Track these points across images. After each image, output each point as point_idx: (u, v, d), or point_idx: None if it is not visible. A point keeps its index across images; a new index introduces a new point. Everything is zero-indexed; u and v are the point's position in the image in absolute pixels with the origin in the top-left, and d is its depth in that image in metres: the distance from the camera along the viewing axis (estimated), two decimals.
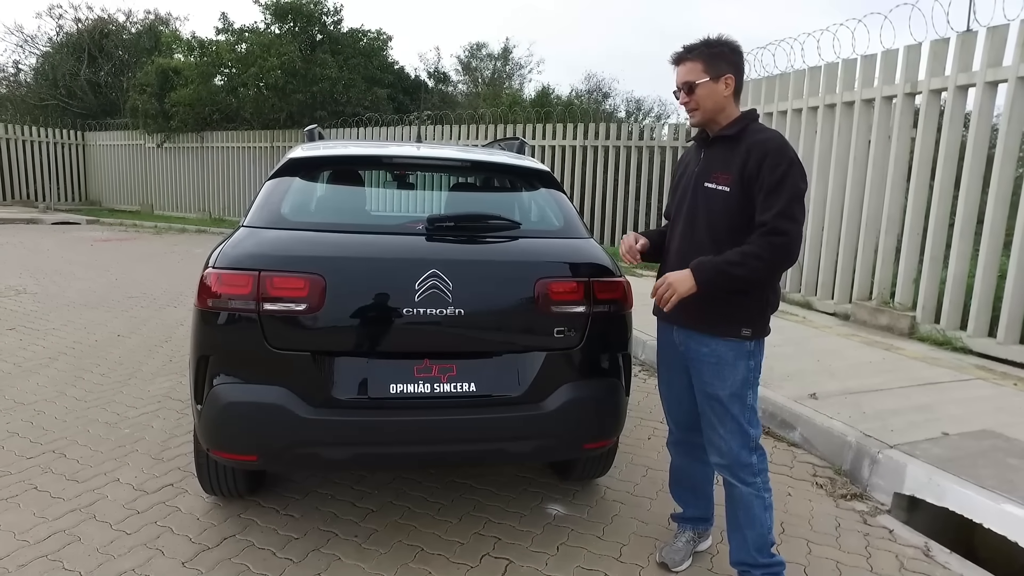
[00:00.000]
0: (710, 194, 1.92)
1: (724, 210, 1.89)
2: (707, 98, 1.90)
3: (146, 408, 3.45)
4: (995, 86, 4.72)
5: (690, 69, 1.90)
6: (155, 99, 14.34)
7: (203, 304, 1.99)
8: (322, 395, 1.96)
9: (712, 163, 1.94)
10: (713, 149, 1.96)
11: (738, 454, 1.97)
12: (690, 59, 1.90)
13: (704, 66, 1.89)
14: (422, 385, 2.00)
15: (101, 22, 18.73)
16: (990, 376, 4.11)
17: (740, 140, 1.89)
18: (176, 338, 4.89)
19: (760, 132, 1.89)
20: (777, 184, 1.80)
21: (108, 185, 16.86)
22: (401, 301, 1.97)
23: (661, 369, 2.21)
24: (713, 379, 1.95)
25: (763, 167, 1.81)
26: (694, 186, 1.97)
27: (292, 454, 1.99)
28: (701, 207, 1.94)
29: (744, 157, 1.85)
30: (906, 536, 2.51)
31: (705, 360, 1.97)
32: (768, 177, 1.81)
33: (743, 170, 1.84)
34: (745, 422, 1.96)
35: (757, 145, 1.84)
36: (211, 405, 1.96)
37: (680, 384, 2.13)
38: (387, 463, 2.21)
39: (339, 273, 1.96)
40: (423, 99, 17.05)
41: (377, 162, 2.59)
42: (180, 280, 7.37)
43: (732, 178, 1.87)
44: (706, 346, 1.96)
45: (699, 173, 1.97)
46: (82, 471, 2.72)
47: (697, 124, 1.99)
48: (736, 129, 1.91)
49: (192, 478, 2.65)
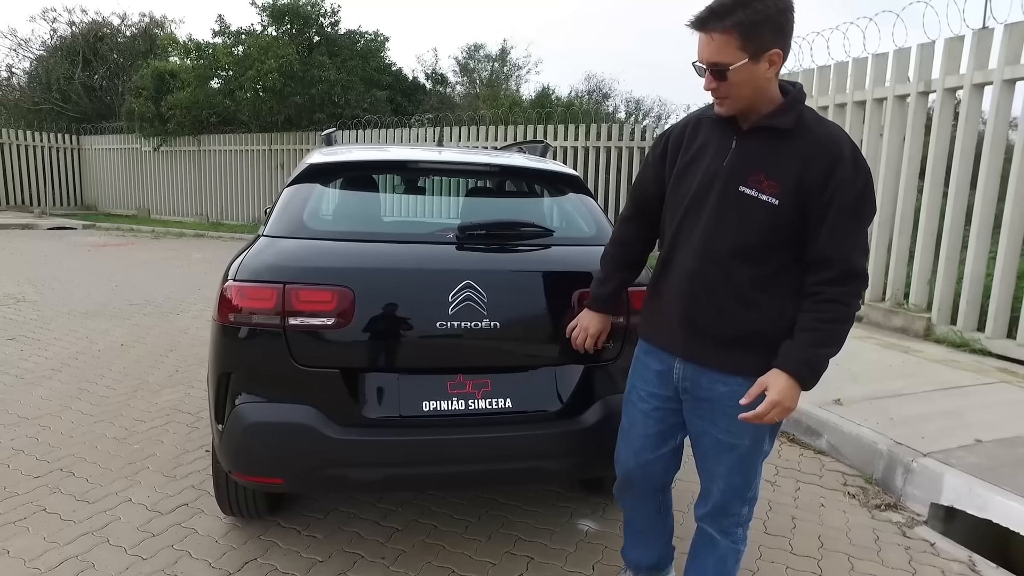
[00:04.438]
0: (747, 203, 1.45)
1: (767, 228, 1.44)
2: (744, 84, 1.39)
3: (155, 422, 3.35)
4: (1013, 84, 4.66)
5: (721, 45, 1.36)
6: (151, 102, 14.18)
7: (224, 318, 1.89)
8: (351, 414, 1.87)
9: (751, 160, 1.46)
10: (752, 141, 1.47)
11: (729, 505, 1.64)
12: (720, 29, 1.35)
13: (740, 40, 1.35)
14: (456, 402, 1.91)
15: (95, 25, 18.54)
16: (1013, 379, 4.05)
17: (794, 136, 1.43)
18: (181, 347, 4.78)
19: (821, 126, 1.45)
20: (856, 207, 1.40)
21: (104, 189, 16.69)
22: (434, 314, 1.88)
23: (632, 405, 1.74)
24: (731, 425, 1.54)
25: (833, 180, 1.39)
26: (723, 187, 1.48)
27: (320, 476, 1.89)
28: (732, 218, 1.47)
29: (803, 161, 1.41)
30: (949, 550, 2.43)
31: (721, 403, 1.54)
32: (843, 196, 1.39)
33: (801, 179, 1.40)
34: (756, 474, 1.63)
35: (822, 147, 1.40)
36: (233, 425, 1.87)
37: (650, 428, 1.69)
38: (419, 484, 2.12)
39: (368, 285, 1.87)
40: (422, 101, 16.95)
41: (402, 167, 2.50)
42: (181, 286, 7.26)
43: (783, 187, 1.42)
44: (725, 385, 1.53)
45: (731, 171, 1.48)
46: (92, 491, 2.61)
47: (729, 114, 1.48)
48: (790, 120, 1.43)
49: (207, 497, 2.55)
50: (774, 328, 1.49)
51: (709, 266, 1.50)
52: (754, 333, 1.50)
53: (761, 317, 1.49)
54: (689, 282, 1.53)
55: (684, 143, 1.60)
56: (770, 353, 1.48)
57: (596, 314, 1.86)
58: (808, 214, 1.43)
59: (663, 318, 1.62)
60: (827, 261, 1.43)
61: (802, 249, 1.46)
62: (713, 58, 1.39)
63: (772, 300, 1.49)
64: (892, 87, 5.47)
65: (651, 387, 1.68)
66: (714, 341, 1.53)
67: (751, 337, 1.50)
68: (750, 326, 1.49)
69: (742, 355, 1.51)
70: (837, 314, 1.43)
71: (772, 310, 1.49)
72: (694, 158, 1.57)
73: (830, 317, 1.43)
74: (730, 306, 1.50)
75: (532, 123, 11.37)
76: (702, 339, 1.54)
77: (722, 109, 1.48)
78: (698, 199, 1.53)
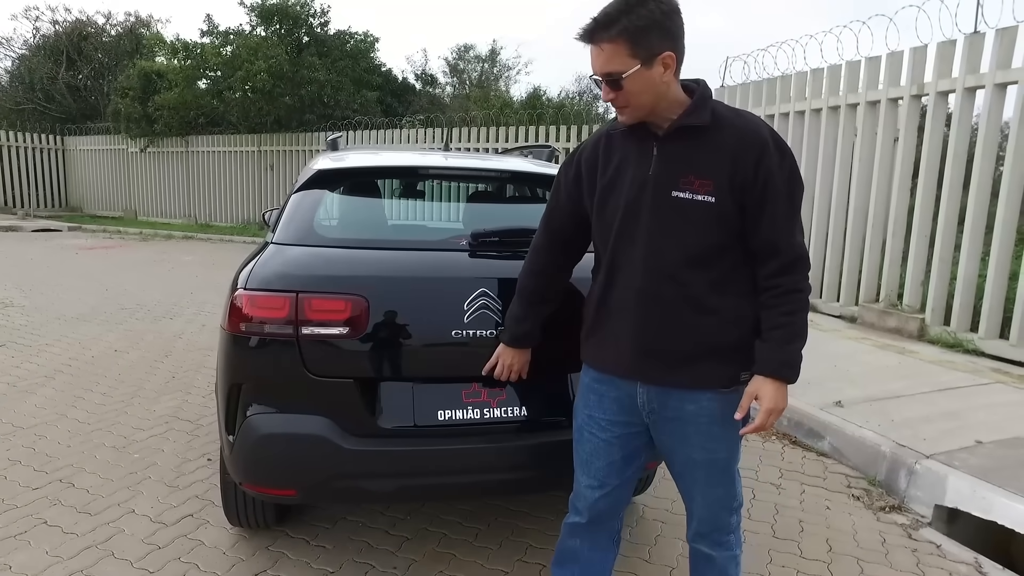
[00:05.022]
0: (684, 207, 1.41)
1: (710, 227, 1.41)
2: (642, 92, 1.37)
3: (154, 430, 3.30)
4: (1004, 88, 4.72)
5: (611, 54, 1.35)
6: (138, 103, 14.01)
7: (234, 328, 1.86)
8: (365, 424, 1.84)
9: (677, 163, 1.42)
10: (673, 144, 1.43)
11: (717, 518, 1.59)
12: (608, 39, 1.34)
13: (629, 48, 1.33)
14: (471, 411, 1.89)
15: (79, 24, 18.29)
16: (1008, 379, 4.10)
17: (715, 130, 1.41)
18: (176, 352, 4.72)
19: (738, 117, 1.44)
20: (789, 192, 1.41)
21: (90, 191, 16.47)
22: (449, 322, 1.86)
23: (592, 435, 1.62)
24: (705, 442, 1.51)
25: (762, 168, 1.38)
26: (655, 196, 1.43)
27: (334, 487, 1.87)
28: (672, 225, 1.42)
29: (729, 154, 1.39)
30: (955, 552, 2.45)
31: (693, 421, 1.49)
32: (775, 182, 1.39)
33: (732, 173, 1.39)
34: (736, 481, 1.59)
35: (745, 137, 1.39)
36: (245, 437, 1.84)
37: (615, 455, 1.60)
38: (435, 494, 2.11)
39: (382, 294, 1.85)
40: (412, 102, 16.89)
41: (412, 172, 2.47)
42: (173, 290, 7.17)
43: (716, 184, 1.39)
44: (693, 403, 1.48)
45: (659, 178, 1.43)
46: (94, 502, 2.57)
47: (632, 123, 1.45)
48: (705, 116, 1.40)
49: (212, 507, 2.52)
50: (736, 333, 1.46)
51: (659, 281, 1.45)
52: (715, 342, 1.46)
53: (721, 323, 1.45)
54: (639, 302, 1.47)
55: (599, 163, 1.54)
56: (735, 359, 1.46)
57: (516, 351, 1.79)
58: (746, 206, 1.41)
59: (612, 345, 1.54)
60: (774, 249, 1.42)
61: (747, 243, 1.45)
62: (605, 68, 1.37)
63: (729, 302, 1.45)
64: (885, 90, 5.53)
65: (610, 415, 1.58)
66: (675, 359, 1.47)
67: (713, 347, 1.46)
68: (711, 335, 1.45)
69: (706, 368, 1.47)
70: (798, 304, 1.44)
71: (731, 313, 1.46)
72: (616, 175, 1.50)
73: (793, 308, 1.43)
74: (688, 318, 1.44)
75: (524, 124, 11.36)
76: (662, 360, 1.47)
77: (624, 118, 1.46)
78: (631, 215, 1.47)
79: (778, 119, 6.69)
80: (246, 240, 12.07)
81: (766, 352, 1.44)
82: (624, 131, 1.49)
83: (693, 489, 1.59)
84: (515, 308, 1.77)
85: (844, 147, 6.00)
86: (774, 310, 1.44)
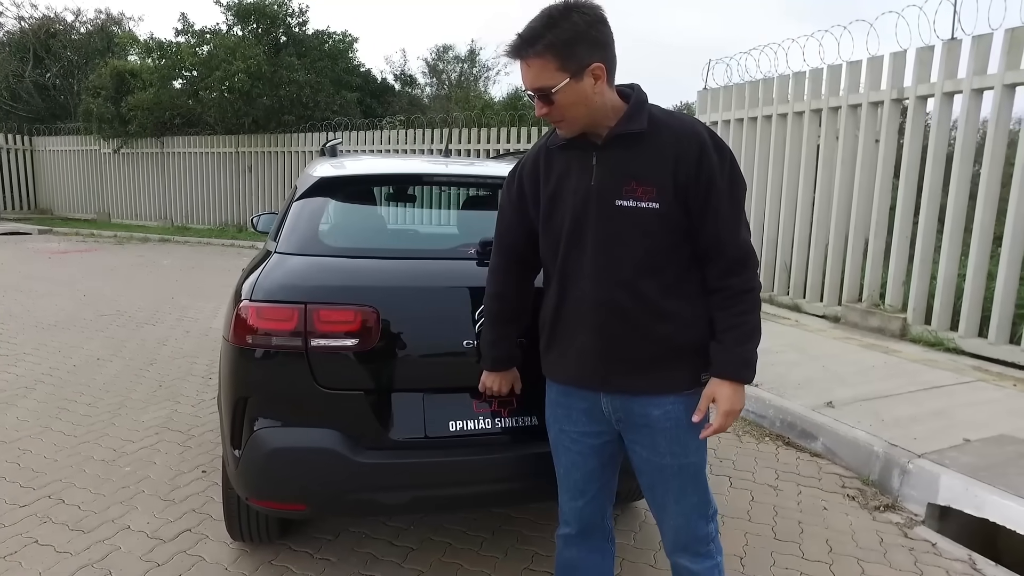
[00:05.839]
0: (629, 215, 1.40)
1: (657, 234, 1.41)
2: (575, 105, 1.36)
3: (144, 441, 3.22)
4: (981, 93, 4.84)
5: (539, 70, 1.34)
6: (110, 103, 13.68)
7: (240, 340, 1.82)
8: (376, 436, 1.82)
9: (618, 171, 1.41)
10: (612, 152, 1.42)
11: (694, 528, 1.56)
12: (534, 54, 1.33)
13: (557, 61, 1.32)
14: (483, 421, 1.88)
15: (47, 21, 17.79)
16: (988, 377, 4.21)
17: (653, 135, 1.40)
18: (162, 360, 4.62)
19: (672, 118, 1.43)
20: (731, 190, 1.41)
21: (60, 192, 16.04)
22: (460, 332, 1.85)
23: (566, 450, 1.62)
24: (673, 446, 1.49)
25: (703, 169, 1.38)
26: (599, 206, 1.42)
27: (344, 501, 1.84)
28: (620, 234, 1.41)
29: (669, 158, 1.38)
30: (950, 549, 2.51)
31: (658, 426, 1.48)
32: (717, 182, 1.39)
33: (674, 176, 1.38)
34: (707, 487, 1.57)
35: (683, 140, 1.38)
36: (253, 451, 1.80)
37: (591, 464, 1.61)
38: (447, 505, 2.09)
39: (392, 304, 1.83)
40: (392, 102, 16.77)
41: (416, 180, 2.45)
42: (153, 295, 7.02)
43: (659, 188, 1.39)
44: (658, 407, 1.48)
45: (601, 188, 1.42)
46: (86, 519, 2.50)
47: (570, 135, 1.44)
48: (642, 122, 1.40)
49: (211, 521, 2.47)
50: (693, 335, 1.47)
51: (612, 290, 1.43)
52: (674, 346, 1.46)
53: (678, 327, 1.45)
54: (595, 313, 1.45)
55: (541, 177, 1.53)
56: (694, 362, 1.48)
57: (498, 374, 1.76)
58: (690, 208, 1.41)
59: (573, 357, 1.52)
60: (721, 249, 1.43)
61: (694, 245, 1.45)
62: (535, 84, 1.36)
63: (683, 305, 1.46)
64: (866, 94, 5.63)
65: (581, 427, 1.58)
66: (637, 367, 1.46)
67: (671, 351, 1.46)
68: (668, 339, 1.45)
69: (668, 372, 1.47)
70: (750, 303, 1.45)
71: (686, 316, 1.46)
72: (558, 188, 1.49)
73: (745, 309, 1.44)
74: (644, 324, 1.44)
75: (506, 125, 11.36)
76: (624, 368, 1.47)
77: (563, 132, 1.45)
78: (577, 227, 1.46)
79: (761, 122, 6.78)
80: (224, 243, 11.87)
81: (721, 354, 1.45)
82: (562, 144, 1.48)
83: (666, 499, 1.56)
84: (486, 333, 1.73)
85: (826, 150, 6.10)
86: (726, 311, 1.45)
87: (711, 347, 1.46)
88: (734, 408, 1.45)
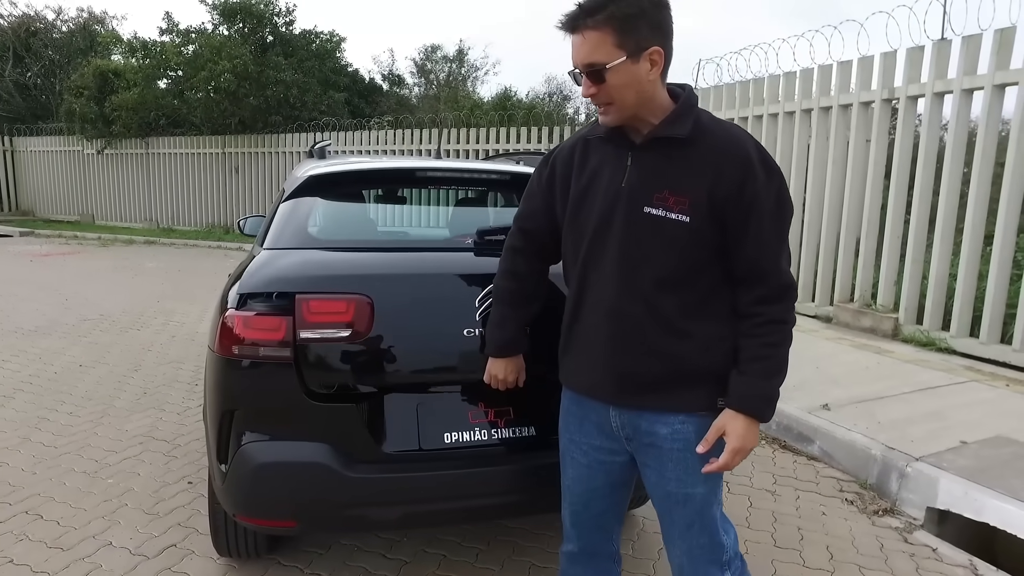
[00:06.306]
0: (657, 224, 1.30)
1: (684, 248, 1.30)
2: (626, 87, 1.26)
3: (127, 452, 3.13)
4: (971, 93, 4.85)
5: (595, 43, 1.24)
6: (94, 102, 13.46)
7: (226, 351, 1.75)
8: (368, 449, 1.76)
9: (651, 176, 1.32)
10: (649, 155, 1.33)
11: (705, 573, 1.42)
12: (593, 25, 1.23)
13: (616, 36, 1.22)
14: (479, 432, 1.82)
15: (27, 19, 17.50)
16: (980, 377, 4.21)
17: (695, 143, 1.29)
18: (147, 366, 4.51)
19: (720, 128, 1.33)
20: (776, 212, 1.30)
21: (43, 194, 15.76)
22: (461, 321, 1.76)
23: (574, 460, 1.54)
24: (682, 473, 1.38)
25: (747, 187, 1.27)
26: (627, 211, 1.33)
27: (336, 517, 1.78)
28: (644, 243, 1.32)
29: (710, 170, 1.28)
30: (950, 554, 2.48)
31: (666, 447, 1.38)
32: (761, 202, 1.28)
33: (712, 190, 1.28)
34: (720, 528, 1.43)
35: (728, 152, 1.28)
36: (239, 467, 1.73)
37: (598, 481, 1.52)
38: (443, 520, 2.02)
39: (387, 293, 1.73)
40: (380, 103, 16.66)
41: (409, 175, 2.38)
42: (138, 298, 6.88)
43: (693, 202, 1.28)
44: (665, 425, 1.38)
45: (632, 191, 1.33)
46: (66, 535, 2.41)
47: (614, 124, 1.34)
48: (686, 127, 1.29)
49: (197, 535, 2.39)
50: (713, 359, 1.35)
51: (630, 301, 1.34)
52: (689, 367, 1.35)
53: (696, 349, 1.34)
54: (610, 322, 1.37)
55: (575, 167, 1.44)
56: (711, 385, 1.36)
57: (503, 361, 1.65)
58: (727, 226, 1.30)
59: (586, 364, 1.44)
60: (760, 275, 1.32)
61: (728, 266, 1.34)
62: (588, 58, 1.25)
63: (705, 327, 1.35)
64: (857, 94, 5.63)
65: (592, 439, 1.49)
66: (647, 383, 1.37)
67: (686, 372, 1.36)
68: (684, 360, 1.34)
69: (680, 392, 1.37)
70: (781, 335, 1.33)
71: (707, 339, 1.35)
72: (590, 183, 1.40)
73: (776, 340, 1.32)
74: (661, 342, 1.34)
75: (495, 126, 11.30)
76: (634, 382, 1.37)
77: (607, 119, 1.33)
78: (603, 228, 1.37)
79: (751, 121, 6.77)
80: (211, 245, 11.72)
81: (742, 385, 1.33)
82: (602, 136, 1.40)
83: (672, 531, 1.45)
84: (494, 314, 1.64)
85: (817, 150, 6.10)
86: (755, 340, 1.33)
87: (731, 376, 1.35)
88: (744, 446, 1.32)
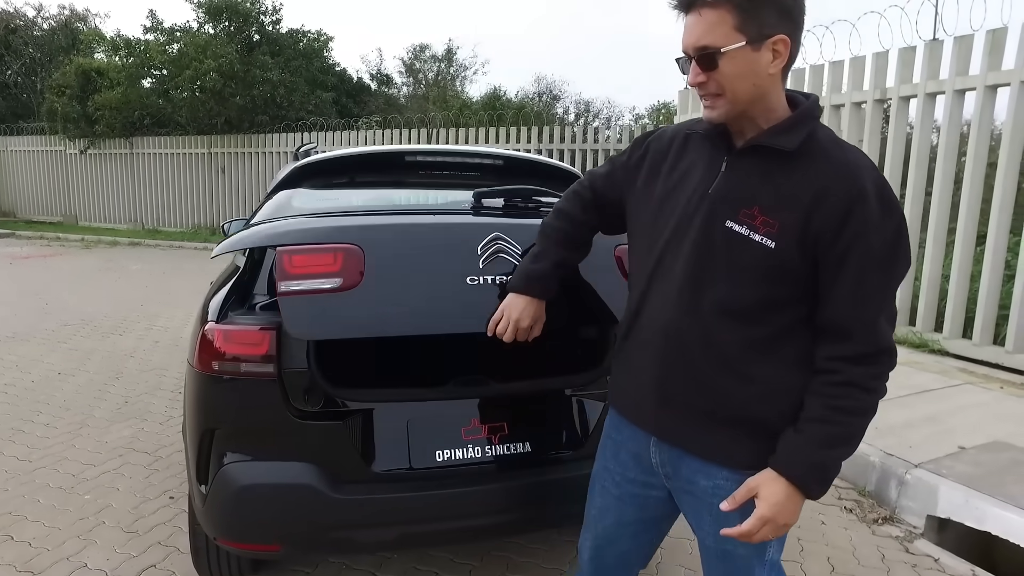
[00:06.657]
0: (736, 243, 1.14)
1: (761, 276, 1.13)
2: (741, 78, 1.09)
3: (106, 465, 3.02)
4: (963, 94, 4.84)
5: (711, 23, 1.08)
6: (76, 102, 13.22)
7: (205, 367, 1.66)
8: (356, 469, 1.68)
9: (744, 188, 1.15)
10: (747, 163, 1.16)
11: None
12: (711, 3, 1.07)
13: (736, 18, 1.06)
14: (472, 449, 1.74)
15: (6, 16, 17.22)
16: (975, 379, 4.19)
17: (803, 160, 1.11)
18: (129, 373, 4.39)
19: (838, 149, 1.12)
20: (884, 260, 1.09)
21: (23, 195, 15.47)
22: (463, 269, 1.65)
23: (605, 491, 1.41)
24: (717, 528, 1.23)
25: (852, 223, 1.07)
26: (706, 221, 1.17)
27: (322, 540, 1.69)
28: (717, 261, 1.16)
29: (814, 195, 1.09)
30: (952, 564, 2.44)
31: (704, 499, 1.23)
32: (867, 245, 1.08)
33: (808, 218, 1.09)
34: None
35: (837, 178, 1.08)
36: (220, 488, 1.64)
37: (628, 515, 1.37)
38: (436, 541, 1.94)
39: (381, 243, 1.62)
40: (368, 102, 16.52)
41: (399, 159, 2.31)
42: (121, 302, 6.73)
43: (783, 226, 1.10)
44: (707, 478, 1.22)
45: (717, 200, 1.16)
46: (38, 557, 2.30)
47: (720, 120, 1.16)
48: (795, 139, 1.11)
49: (178, 555, 2.30)
50: (771, 411, 1.16)
51: (688, 322, 1.18)
52: (743, 416, 1.17)
53: (754, 395, 1.16)
54: (663, 339, 1.21)
55: (669, 160, 1.28)
56: (763, 441, 1.16)
57: (526, 299, 1.47)
58: (819, 264, 1.11)
59: (633, 383, 1.30)
60: (845, 332, 1.11)
61: (812, 307, 1.14)
62: (702, 40, 1.09)
63: (770, 372, 1.16)
64: (849, 94, 5.61)
65: (627, 470, 1.35)
66: (692, 417, 1.21)
67: (739, 420, 1.18)
68: (738, 407, 1.17)
69: (728, 441, 1.19)
70: (859, 403, 1.11)
71: (769, 386, 1.16)
72: (679, 182, 1.24)
73: (850, 407, 1.11)
74: (714, 378, 1.18)
75: (484, 125, 11.22)
76: (678, 413, 1.22)
77: (712, 113, 1.15)
78: (679, 234, 1.20)
79: None
80: (197, 246, 11.54)
81: (793, 447, 1.13)
82: (703, 132, 1.23)
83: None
84: (536, 247, 1.49)
85: None
86: (824, 399, 1.12)
87: (785, 433, 1.15)
88: (777, 518, 1.12)
